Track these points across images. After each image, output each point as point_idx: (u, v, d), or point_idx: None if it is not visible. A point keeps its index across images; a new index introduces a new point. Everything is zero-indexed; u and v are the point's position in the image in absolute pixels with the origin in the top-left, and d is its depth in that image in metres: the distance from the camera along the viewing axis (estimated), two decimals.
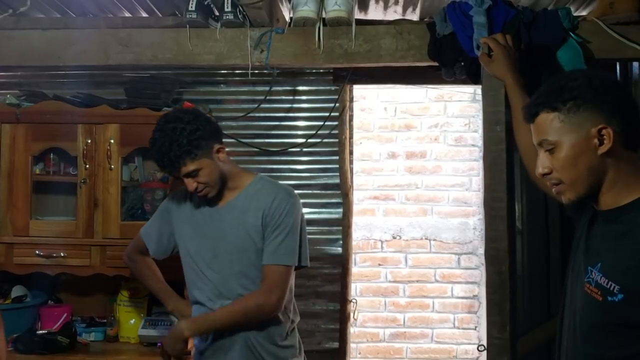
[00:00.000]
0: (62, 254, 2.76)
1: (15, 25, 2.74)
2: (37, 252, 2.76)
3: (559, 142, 1.38)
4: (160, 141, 1.94)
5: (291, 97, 3.20)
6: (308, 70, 3.18)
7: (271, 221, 2.02)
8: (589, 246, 1.43)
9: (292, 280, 2.10)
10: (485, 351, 2.12)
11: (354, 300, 3.18)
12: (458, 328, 3.62)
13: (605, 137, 1.34)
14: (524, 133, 1.85)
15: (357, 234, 3.56)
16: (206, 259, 2.08)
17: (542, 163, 1.43)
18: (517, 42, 2.17)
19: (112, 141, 2.75)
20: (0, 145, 2.80)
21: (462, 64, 2.39)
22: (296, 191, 3.10)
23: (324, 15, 2.55)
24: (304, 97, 3.21)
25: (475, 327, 3.58)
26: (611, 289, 1.29)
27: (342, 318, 3.10)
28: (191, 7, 2.50)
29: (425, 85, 3.33)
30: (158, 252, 2.25)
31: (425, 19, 2.80)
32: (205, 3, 2.55)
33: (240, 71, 3.20)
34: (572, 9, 2.47)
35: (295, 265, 2.05)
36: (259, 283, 2.02)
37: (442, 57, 2.42)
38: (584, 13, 2.64)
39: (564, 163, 1.38)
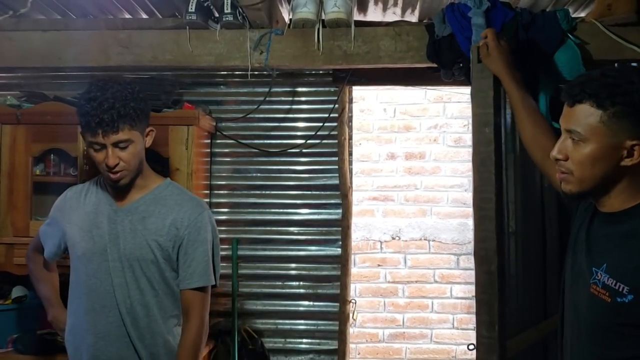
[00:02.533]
0: None
1: (16, 26, 2.76)
2: None
3: (588, 139, 1.34)
4: (102, 97, 1.71)
5: (290, 98, 3.20)
6: (307, 72, 3.18)
7: (186, 236, 1.86)
8: (590, 247, 1.42)
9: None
10: (475, 350, 2.13)
11: (353, 301, 3.18)
12: (457, 328, 3.63)
13: (635, 152, 1.32)
14: (527, 124, 1.85)
15: (357, 235, 3.57)
16: (93, 264, 1.86)
17: (561, 148, 1.40)
18: (515, 43, 2.19)
19: None
20: (1, 146, 2.81)
21: (461, 65, 2.40)
22: (296, 192, 3.20)
23: (323, 16, 2.56)
24: (303, 99, 3.21)
25: (474, 327, 3.57)
26: (620, 289, 1.29)
27: (341, 318, 3.10)
28: (191, 8, 2.52)
29: (424, 87, 3.34)
30: (50, 253, 2.02)
31: (424, 21, 2.81)
32: (205, 4, 2.56)
33: (239, 72, 3.20)
34: (570, 10, 2.48)
35: (215, 284, 1.93)
36: (149, 297, 1.86)
37: (440, 59, 2.44)
38: (582, 14, 2.65)
39: (584, 160, 1.35)
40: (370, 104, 3.68)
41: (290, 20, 2.62)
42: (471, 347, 2.68)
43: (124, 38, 2.64)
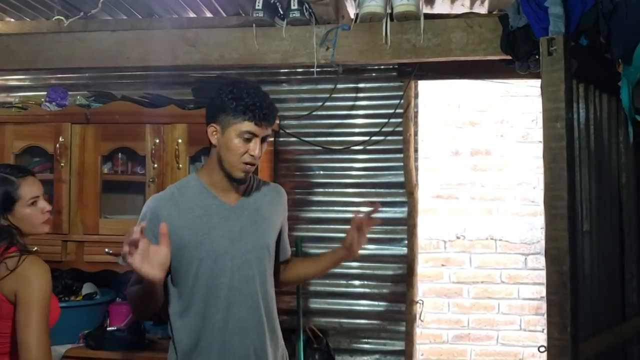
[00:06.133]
0: None
1: (84, 27, 2.80)
2: (106, 250, 2.81)
3: None
4: (260, 94, 1.84)
5: (354, 95, 3.15)
6: (370, 67, 3.14)
7: (285, 215, 2.08)
8: None
9: None
10: (546, 352, 2.05)
11: (420, 302, 3.11)
12: (524, 330, 3.51)
13: None
14: None
15: (420, 234, 3.50)
16: (219, 264, 1.85)
17: None
18: (595, 35, 2.09)
19: (179, 141, 2.77)
20: (71, 145, 2.87)
21: (537, 57, 2.30)
22: (359, 190, 3.16)
23: (390, 10, 2.50)
24: (366, 95, 3.16)
25: (543, 329, 3.46)
26: None
27: (408, 319, 3.04)
28: (258, 5, 2.50)
29: (493, 80, 3.22)
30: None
31: (494, 12, 2.72)
32: (272, 2, 2.54)
33: (302, 69, 3.18)
34: None
35: None
36: (270, 281, 1.96)
37: (516, 50, 2.35)
38: None
39: None
40: (432, 98, 3.58)
41: (357, 14, 2.57)
42: (542, 349, 2.60)
43: (191, 37, 2.64)
